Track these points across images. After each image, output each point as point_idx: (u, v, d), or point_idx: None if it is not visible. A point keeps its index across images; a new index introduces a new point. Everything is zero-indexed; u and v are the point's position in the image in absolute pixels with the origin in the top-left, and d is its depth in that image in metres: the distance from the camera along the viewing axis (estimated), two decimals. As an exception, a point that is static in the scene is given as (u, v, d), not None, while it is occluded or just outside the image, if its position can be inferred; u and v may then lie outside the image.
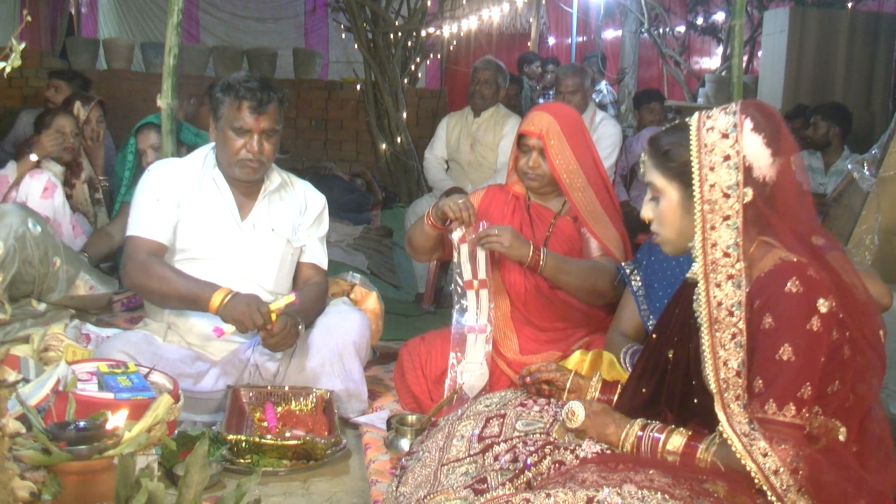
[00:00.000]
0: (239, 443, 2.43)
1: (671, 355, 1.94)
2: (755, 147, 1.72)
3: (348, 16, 8.11)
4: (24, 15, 3.04)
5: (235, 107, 2.79)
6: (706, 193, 1.72)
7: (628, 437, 1.82)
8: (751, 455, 1.61)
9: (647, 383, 1.99)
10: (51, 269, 3.55)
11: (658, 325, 2.04)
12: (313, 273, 3.08)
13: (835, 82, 7.70)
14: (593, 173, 2.98)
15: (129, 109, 8.72)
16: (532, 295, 2.93)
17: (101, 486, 1.74)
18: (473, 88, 5.00)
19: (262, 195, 2.97)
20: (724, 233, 1.72)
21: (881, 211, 3.90)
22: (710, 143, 1.73)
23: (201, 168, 2.95)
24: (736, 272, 1.71)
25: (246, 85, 2.79)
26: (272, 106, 2.82)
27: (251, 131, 2.80)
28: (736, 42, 3.88)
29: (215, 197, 2.92)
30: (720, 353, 1.71)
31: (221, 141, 2.86)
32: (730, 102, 1.85)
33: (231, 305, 2.67)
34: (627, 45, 11.42)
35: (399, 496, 2.00)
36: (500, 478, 1.82)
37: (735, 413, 1.68)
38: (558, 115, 2.94)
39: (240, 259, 2.90)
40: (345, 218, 6.52)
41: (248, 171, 2.86)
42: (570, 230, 2.98)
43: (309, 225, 3.08)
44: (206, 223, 2.88)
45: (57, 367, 2.35)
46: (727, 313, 1.71)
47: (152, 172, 2.95)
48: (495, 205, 3.08)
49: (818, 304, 1.64)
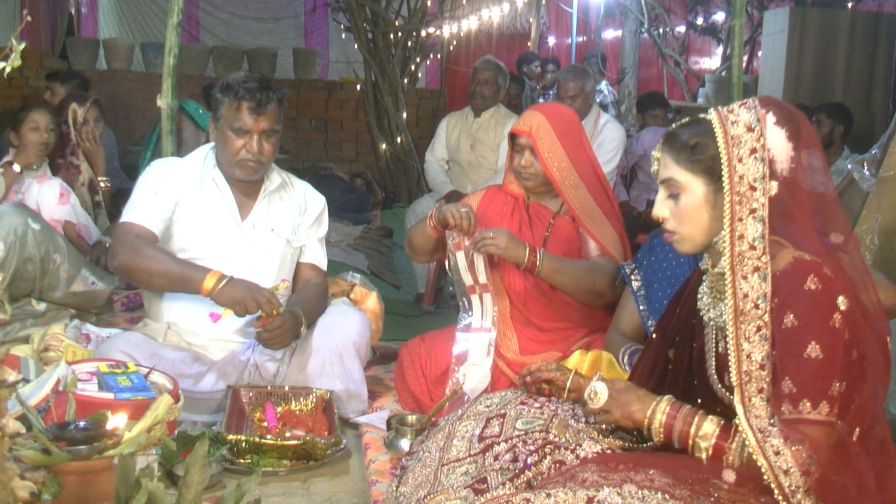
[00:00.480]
0: (239, 443, 2.43)
1: (672, 355, 1.94)
2: (779, 140, 1.73)
3: (348, 16, 8.12)
4: (24, 15, 3.05)
5: (234, 107, 2.79)
6: (736, 185, 1.72)
7: (655, 415, 1.80)
8: (763, 451, 1.60)
9: (648, 383, 1.99)
10: (51, 267, 3.54)
11: (659, 324, 2.03)
12: (313, 274, 3.09)
13: (835, 82, 7.70)
14: (587, 172, 2.97)
15: (129, 109, 8.73)
16: (531, 295, 2.93)
17: (101, 486, 1.74)
18: (474, 89, 4.99)
19: (262, 195, 2.98)
20: (750, 225, 1.71)
21: (881, 211, 3.90)
22: (737, 136, 1.73)
23: (202, 168, 2.95)
24: (762, 265, 1.71)
25: (245, 85, 2.79)
26: (272, 106, 2.82)
27: (251, 132, 2.80)
28: (736, 42, 3.88)
29: (215, 197, 2.92)
30: (744, 345, 1.70)
31: (221, 141, 2.86)
32: (730, 103, 1.85)
33: (228, 288, 2.66)
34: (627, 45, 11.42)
35: (399, 496, 2.00)
36: (501, 477, 1.81)
37: (756, 406, 1.67)
38: (549, 114, 2.94)
39: (239, 259, 2.89)
40: (345, 218, 6.53)
41: (248, 171, 2.86)
42: (569, 230, 2.98)
43: (308, 225, 3.08)
44: (205, 223, 2.88)
45: (57, 367, 2.35)
46: (753, 305, 1.70)
47: (154, 167, 2.96)
48: (494, 206, 3.08)
49: (838, 301, 1.64)
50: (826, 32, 7.70)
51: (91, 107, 4.57)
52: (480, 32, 9.61)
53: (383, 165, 8.20)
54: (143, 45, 9.78)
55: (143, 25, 11.31)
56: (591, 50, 11.88)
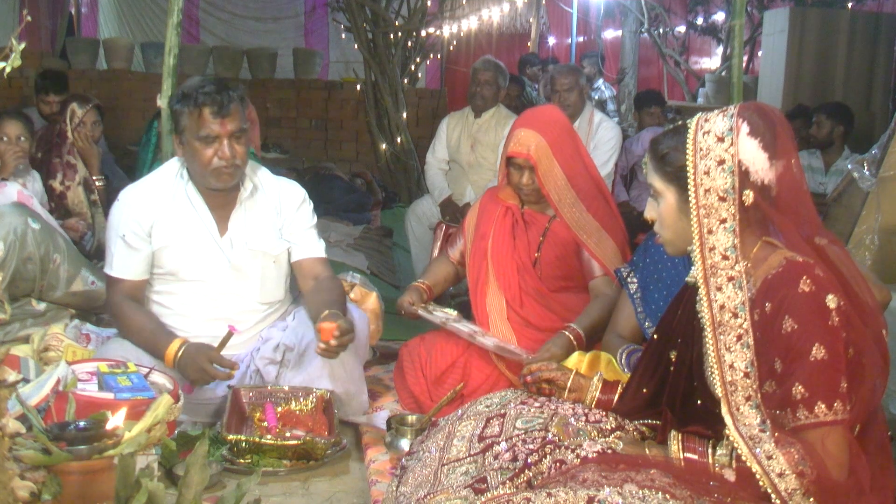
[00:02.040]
0: (239, 443, 2.43)
1: (673, 357, 1.94)
2: (752, 151, 1.72)
3: (348, 16, 8.11)
4: (24, 15, 3.03)
5: (196, 115, 2.66)
6: (701, 198, 1.72)
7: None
8: (756, 457, 1.60)
9: (649, 384, 1.99)
10: (51, 267, 3.54)
11: (660, 325, 2.03)
12: (315, 266, 2.94)
13: (835, 82, 7.71)
14: (585, 184, 2.98)
15: (129, 109, 8.73)
16: (527, 296, 2.95)
17: (101, 486, 1.74)
18: (474, 90, 4.98)
19: (237, 206, 2.85)
20: (721, 236, 1.72)
21: (881, 211, 3.90)
22: (706, 147, 1.73)
23: (173, 184, 2.83)
24: (737, 273, 1.71)
25: (202, 91, 2.65)
26: (234, 106, 2.69)
27: (219, 136, 2.67)
28: (736, 42, 3.87)
29: (191, 215, 2.81)
30: (725, 356, 1.70)
31: (190, 154, 2.73)
32: (730, 103, 1.85)
33: (183, 364, 2.61)
34: (627, 45, 11.44)
35: (399, 496, 2.00)
36: (501, 477, 1.81)
37: (744, 414, 1.67)
38: (545, 131, 2.92)
39: (224, 277, 2.84)
40: (345, 218, 6.53)
41: (225, 179, 2.73)
42: (563, 234, 2.99)
43: (290, 221, 2.93)
44: (186, 245, 2.80)
45: (57, 367, 2.35)
46: (731, 315, 1.71)
47: (120, 204, 2.83)
48: (486, 215, 3.10)
49: (828, 300, 1.64)
50: (826, 32, 7.70)
51: (91, 109, 4.57)
52: (480, 32, 9.61)
53: (383, 165, 8.20)
54: (143, 45, 9.78)
55: (143, 25, 11.30)
56: (591, 50, 11.89)
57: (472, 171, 4.97)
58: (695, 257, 1.76)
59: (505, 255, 3.01)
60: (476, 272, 3.06)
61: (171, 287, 2.83)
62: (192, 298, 2.82)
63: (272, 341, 2.89)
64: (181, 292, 2.83)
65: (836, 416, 1.61)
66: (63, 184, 4.37)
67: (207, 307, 2.83)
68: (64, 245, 3.63)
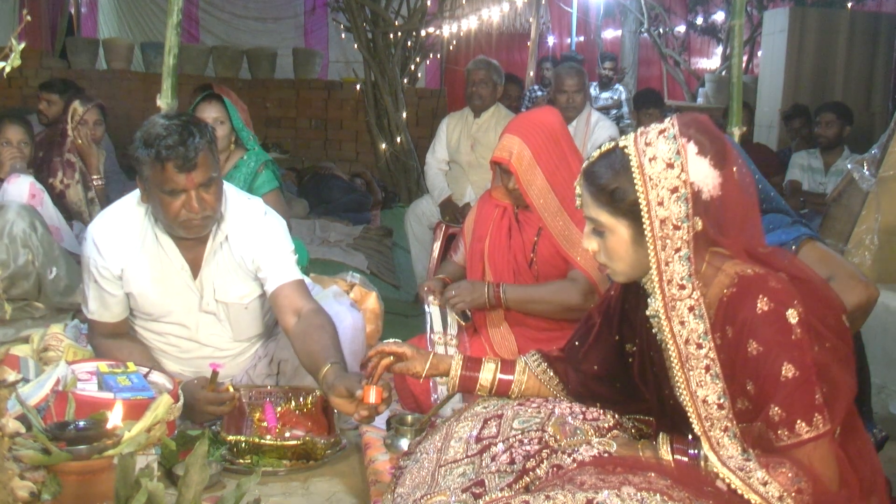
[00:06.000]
0: (239, 443, 2.43)
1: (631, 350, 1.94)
2: (702, 171, 1.66)
3: (348, 16, 8.12)
4: (24, 15, 3.03)
5: (160, 169, 2.41)
6: (657, 230, 1.66)
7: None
8: (752, 488, 1.59)
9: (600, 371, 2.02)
10: (49, 277, 3.55)
11: (604, 314, 2.01)
12: (292, 297, 2.64)
13: (835, 82, 7.71)
14: (570, 192, 2.96)
15: (129, 109, 8.73)
16: None
17: (101, 486, 1.74)
18: (471, 90, 4.99)
19: (206, 260, 2.67)
20: (677, 266, 1.66)
21: (881, 211, 3.90)
22: (656, 176, 1.66)
23: (141, 226, 2.64)
24: (695, 302, 1.67)
25: (164, 143, 2.39)
26: (201, 155, 2.43)
27: (185, 190, 2.45)
28: (736, 42, 3.87)
29: (162, 258, 2.65)
30: (698, 392, 1.67)
31: (156, 203, 2.51)
32: (730, 103, 1.83)
33: (184, 413, 2.50)
34: (627, 44, 11.44)
35: (396, 497, 1.99)
36: (498, 480, 1.81)
37: (725, 446, 1.65)
38: (529, 137, 2.90)
39: (200, 321, 2.76)
40: (345, 218, 6.54)
41: (196, 230, 2.54)
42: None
43: (263, 254, 2.68)
44: (159, 290, 2.68)
45: (57, 367, 2.35)
46: (696, 346, 1.67)
47: (89, 245, 2.66)
48: (482, 217, 3.11)
49: (788, 315, 1.60)
50: (826, 32, 7.71)
51: (93, 108, 4.57)
52: (480, 32, 9.61)
53: (383, 165, 8.20)
54: (143, 45, 9.79)
55: (143, 25, 11.31)
56: (591, 50, 11.89)
57: (472, 172, 4.97)
58: (653, 290, 1.71)
59: (501, 256, 3.02)
60: (474, 274, 3.07)
61: (150, 325, 2.78)
62: (170, 338, 2.78)
63: (266, 359, 2.89)
64: (160, 331, 2.78)
65: (817, 430, 1.59)
66: (63, 182, 4.37)
67: (186, 345, 2.80)
68: (62, 257, 3.63)
